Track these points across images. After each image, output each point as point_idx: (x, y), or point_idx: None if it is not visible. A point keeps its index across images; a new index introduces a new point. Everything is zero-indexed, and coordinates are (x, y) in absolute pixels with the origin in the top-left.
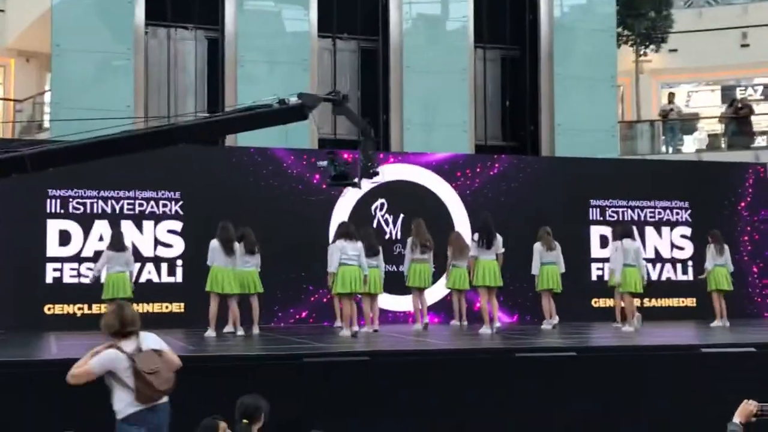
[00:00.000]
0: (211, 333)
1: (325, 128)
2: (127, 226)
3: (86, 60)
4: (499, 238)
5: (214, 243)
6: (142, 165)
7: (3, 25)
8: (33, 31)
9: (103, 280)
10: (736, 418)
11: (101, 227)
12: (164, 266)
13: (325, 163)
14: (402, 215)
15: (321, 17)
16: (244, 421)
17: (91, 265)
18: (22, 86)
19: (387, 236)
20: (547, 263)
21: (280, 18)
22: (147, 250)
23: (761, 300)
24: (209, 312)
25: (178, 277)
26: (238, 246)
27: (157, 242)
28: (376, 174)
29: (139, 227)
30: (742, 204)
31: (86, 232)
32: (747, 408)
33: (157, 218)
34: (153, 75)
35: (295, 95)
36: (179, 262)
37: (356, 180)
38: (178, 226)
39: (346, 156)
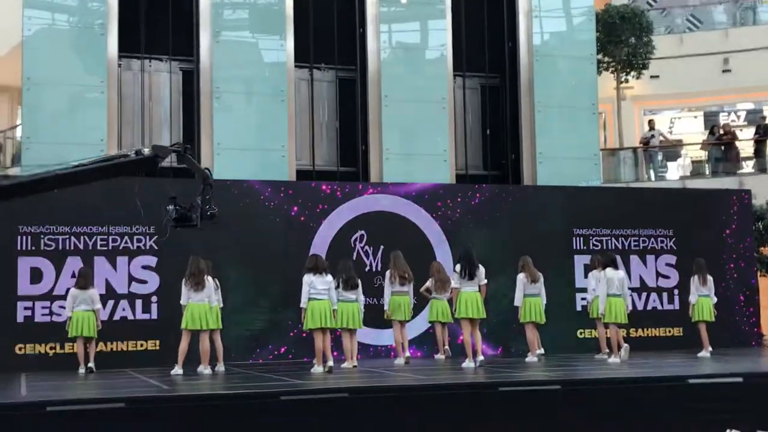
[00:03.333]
0: (178, 371)
1: (304, 159)
2: (100, 263)
3: (58, 93)
4: (482, 269)
5: (185, 281)
6: (116, 199)
7: None
8: (4, 64)
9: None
10: None
11: (74, 264)
12: (138, 303)
13: (171, 207)
14: (382, 246)
15: (298, 47)
16: None
17: (63, 302)
18: None
19: (367, 268)
20: (530, 295)
21: (257, 48)
22: (121, 287)
23: (748, 328)
24: (179, 349)
25: (153, 314)
26: (210, 281)
27: (132, 278)
28: (214, 216)
29: (113, 263)
30: (727, 231)
31: (58, 270)
32: None
33: (132, 254)
34: (127, 107)
35: (150, 147)
36: (154, 298)
37: (196, 222)
38: (152, 261)
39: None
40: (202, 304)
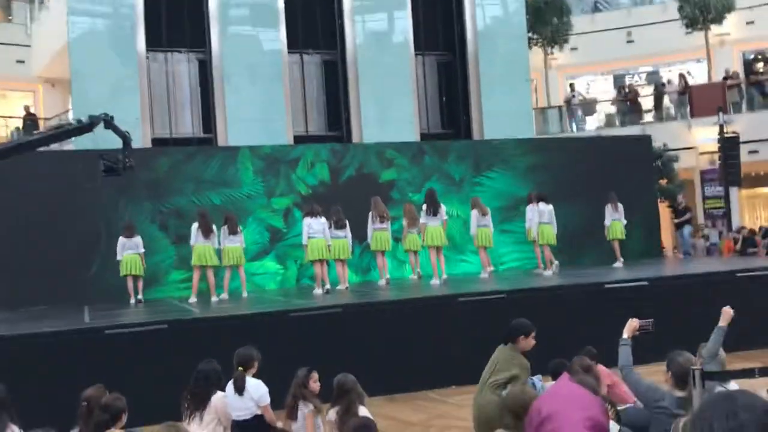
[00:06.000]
0: (193, 299)
1: (299, 127)
2: None
3: (100, 83)
4: (443, 207)
5: (194, 226)
6: None
7: (30, 58)
8: (55, 61)
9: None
10: (625, 334)
11: None
12: None
13: (101, 161)
14: None
15: (289, 37)
16: (240, 368)
17: None
18: (49, 107)
19: None
20: (482, 225)
21: (257, 39)
22: None
23: (651, 243)
24: (193, 281)
25: None
26: (215, 229)
27: None
28: (132, 168)
29: None
30: (634, 167)
31: None
32: (632, 324)
33: None
34: (155, 92)
35: (87, 117)
36: None
37: (120, 172)
38: None
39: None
40: (207, 245)
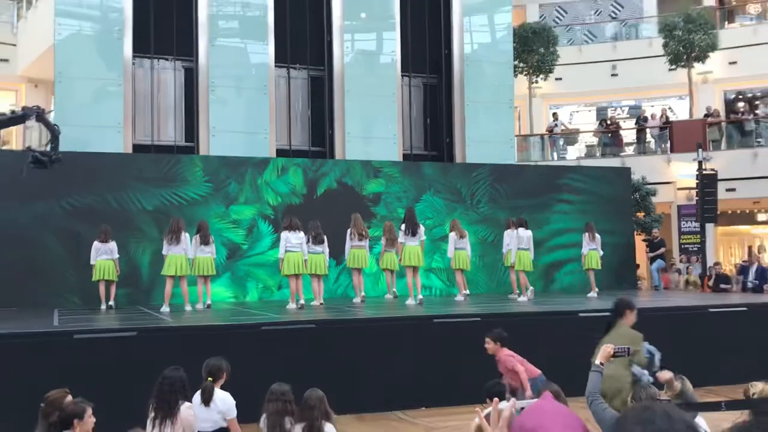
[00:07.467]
0: (165, 308)
1: (282, 141)
2: None
3: (84, 86)
4: (422, 228)
5: (165, 236)
6: None
7: (15, 57)
8: (40, 61)
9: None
10: (598, 360)
11: None
12: None
13: (29, 154)
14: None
15: (278, 51)
16: (209, 378)
17: None
18: None
19: None
20: (459, 248)
21: (245, 51)
22: None
23: (627, 274)
24: (165, 291)
25: None
26: (186, 236)
27: None
28: (60, 161)
29: None
30: (612, 199)
31: None
32: (606, 350)
33: None
34: (139, 98)
35: (21, 108)
36: None
37: (47, 165)
38: None
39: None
40: (179, 255)
